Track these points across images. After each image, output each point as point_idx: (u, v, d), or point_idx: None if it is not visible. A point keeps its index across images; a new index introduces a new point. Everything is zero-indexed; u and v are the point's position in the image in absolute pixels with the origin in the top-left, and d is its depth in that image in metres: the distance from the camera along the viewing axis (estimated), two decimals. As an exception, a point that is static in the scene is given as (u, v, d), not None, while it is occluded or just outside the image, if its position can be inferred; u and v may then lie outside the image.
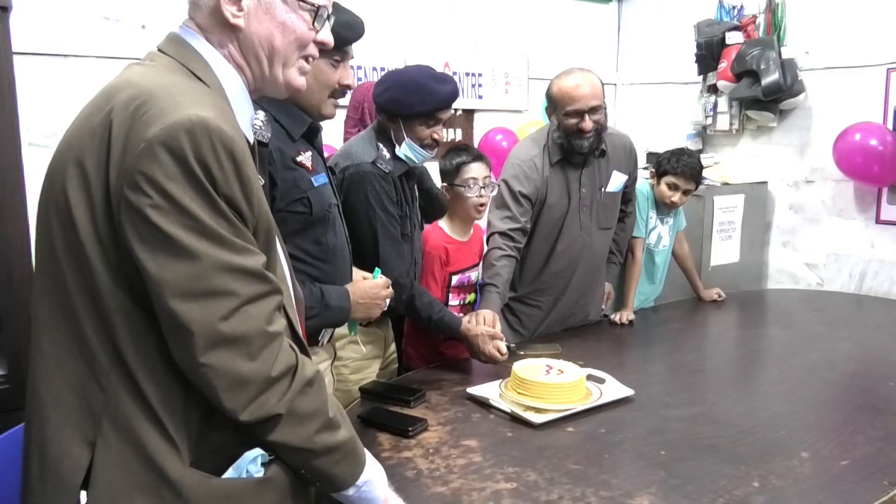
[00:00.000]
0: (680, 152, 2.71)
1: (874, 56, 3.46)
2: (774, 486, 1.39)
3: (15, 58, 1.99)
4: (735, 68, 3.70)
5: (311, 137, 1.67)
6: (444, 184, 2.27)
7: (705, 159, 4.01)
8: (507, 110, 4.09)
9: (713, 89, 3.97)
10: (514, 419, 1.71)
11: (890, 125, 3.42)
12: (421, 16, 3.73)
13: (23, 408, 1.05)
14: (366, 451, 1.13)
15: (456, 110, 3.88)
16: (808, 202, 3.84)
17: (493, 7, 3.99)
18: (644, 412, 1.78)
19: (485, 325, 2.04)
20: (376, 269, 1.84)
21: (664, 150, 2.82)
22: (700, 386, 2.04)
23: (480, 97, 3.99)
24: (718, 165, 4.04)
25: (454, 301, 2.27)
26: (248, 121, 1.12)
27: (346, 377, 2.02)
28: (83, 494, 0.96)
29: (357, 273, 1.81)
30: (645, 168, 3.31)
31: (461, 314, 2.16)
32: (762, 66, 3.58)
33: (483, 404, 1.80)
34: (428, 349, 2.29)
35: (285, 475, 1.04)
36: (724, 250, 3.81)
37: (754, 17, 3.81)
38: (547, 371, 1.81)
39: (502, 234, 2.27)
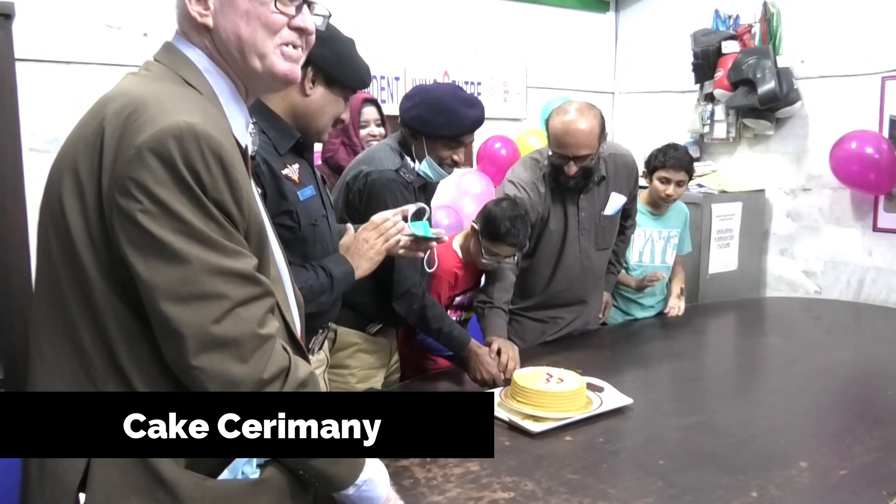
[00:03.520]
0: (667, 147, 2.74)
1: (869, 65, 3.48)
2: (773, 496, 1.39)
3: (17, 64, 2.00)
4: (731, 77, 3.72)
5: (301, 150, 1.67)
6: (475, 226, 2.19)
7: (703, 167, 4.03)
8: (505, 119, 4.10)
9: (710, 98, 3.98)
10: (512, 428, 1.70)
11: (886, 133, 3.43)
12: (421, 25, 3.74)
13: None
14: None
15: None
16: (805, 210, 3.86)
17: (493, 16, 4.01)
18: (642, 421, 1.78)
19: (510, 356, 2.02)
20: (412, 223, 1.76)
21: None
22: (699, 395, 2.05)
23: (479, 105, 4.00)
24: (716, 173, 4.05)
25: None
26: (243, 125, 1.12)
27: (353, 386, 2.02)
28: (81, 497, 0.96)
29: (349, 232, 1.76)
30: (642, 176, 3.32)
31: None
32: (758, 75, 3.60)
33: (482, 413, 1.80)
34: (419, 353, 2.29)
35: (281, 476, 1.04)
36: (722, 258, 3.82)
37: (750, 26, 3.83)
38: (547, 379, 1.81)
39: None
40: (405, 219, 1.73)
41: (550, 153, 2.27)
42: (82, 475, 0.96)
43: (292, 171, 1.61)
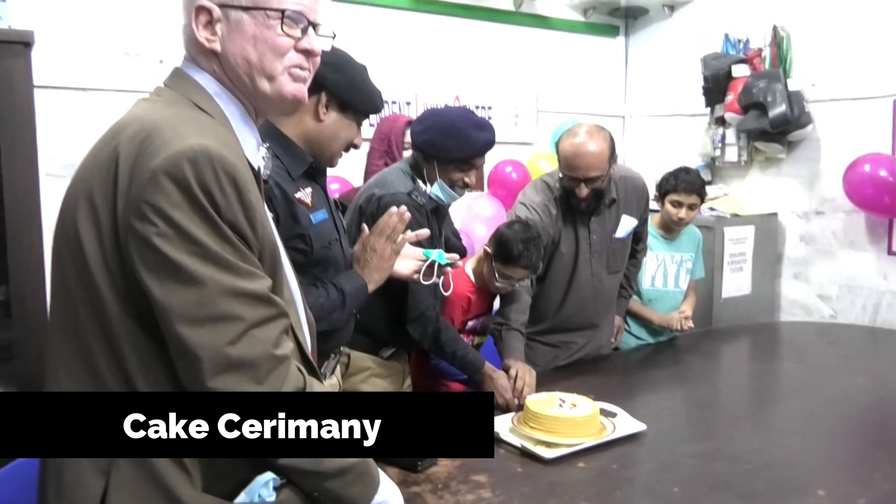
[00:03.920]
0: (679, 170, 2.74)
1: (880, 87, 3.48)
2: (791, 525, 1.37)
3: (36, 91, 2.03)
4: (742, 101, 3.72)
5: (314, 175, 1.69)
6: (487, 249, 2.19)
7: (714, 191, 4.02)
8: (516, 143, 4.12)
9: (721, 121, 3.99)
10: (525, 454, 1.69)
11: (899, 156, 3.42)
12: (433, 50, 3.78)
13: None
14: (381, 472, 1.12)
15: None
16: (819, 233, 3.83)
17: (503, 42, 4.04)
18: (656, 448, 1.76)
19: (525, 382, 2.01)
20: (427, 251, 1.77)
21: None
22: (713, 421, 2.02)
23: (490, 130, 4.02)
24: (728, 197, 4.04)
25: None
26: (255, 147, 1.14)
27: None
28: None
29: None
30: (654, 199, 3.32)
31: None
32: (769, 99, 3.60)
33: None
34: (432, 378, 2.28)
35: (297, 499, 1.04)
36: (736, 282, 3.79)
37: (760, 50, 3.84)
38: (560, 405, 1.79)
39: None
40: (420, 244, 1.74)
41: (561, 175, 2.28)
42: (100, 500, 0.96)
43: (305, 194, 1.62)
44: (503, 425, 1.81)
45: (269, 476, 1.01)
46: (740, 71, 3.81)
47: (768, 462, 1.65)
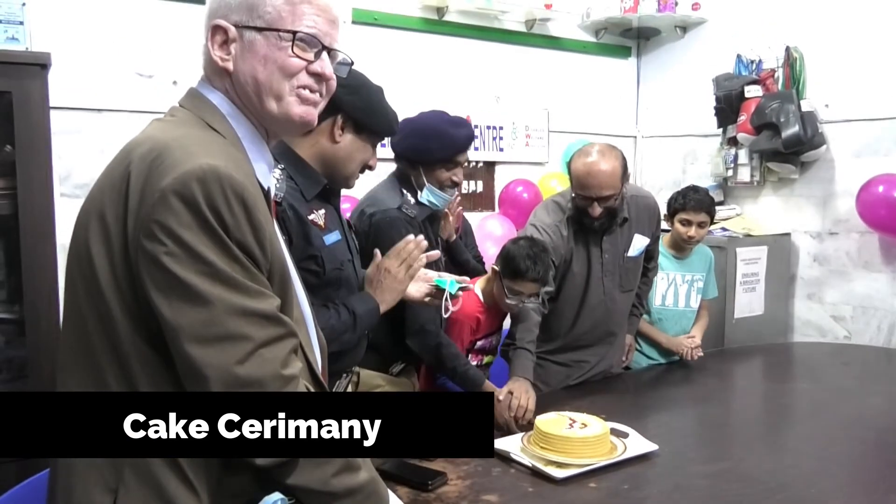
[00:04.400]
0: (687, 189, 2.76)
1: (894, 108, 3.46)
2: (805, 548, 1.35)
3: (51, 112, 2.07)
4: (754, 121, 3.72)
5: (328, 196, 1.70)
6: (495, 268, 2.20)
7: (727, 211, 4.01)
8: (527, 162, 4.13)
9: (733, 142, 3.98)
10: (536, 474, 1.67)
11: (913, 177, 3.39)
12: (444, 71, 3.81)
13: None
14: (389, 492, 1.12)
15: (477, 162, 3.93)
16: (832, 254, 3.80)
17: (514, 62, 4.07)
18: (668, 468, 1.74)
19: (526, 405, 1.99)
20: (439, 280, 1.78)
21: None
22: (726, 441, 2.00)
23: (501, 150, 4.04)
24: (741, 217, 4.02)
25: (472, 362, 2.25)
26: (266, 167, 1.15)
27: None
28: None
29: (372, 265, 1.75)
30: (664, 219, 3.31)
31: None
32: (782, 119, 3.59)
33: (504, 458, 1.77)
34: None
35: None
36: (748, 302, 3.76)
37: (773, 70, 3.84)
38: (570, 425, 1.78)
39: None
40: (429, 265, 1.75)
41: (574, 195, 2.28)
42: None
43: (318, 216, 1.64)
44: (513, 445, 1.80)
45: (277, 496, 1.01)
46: (753, 91, 3.80)
47: (782, 484, 1.63)
